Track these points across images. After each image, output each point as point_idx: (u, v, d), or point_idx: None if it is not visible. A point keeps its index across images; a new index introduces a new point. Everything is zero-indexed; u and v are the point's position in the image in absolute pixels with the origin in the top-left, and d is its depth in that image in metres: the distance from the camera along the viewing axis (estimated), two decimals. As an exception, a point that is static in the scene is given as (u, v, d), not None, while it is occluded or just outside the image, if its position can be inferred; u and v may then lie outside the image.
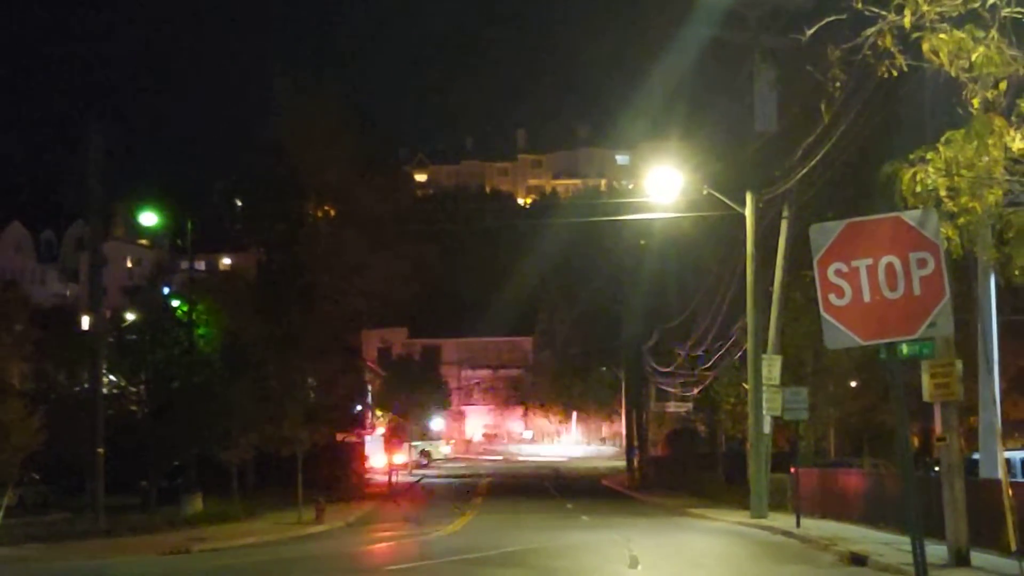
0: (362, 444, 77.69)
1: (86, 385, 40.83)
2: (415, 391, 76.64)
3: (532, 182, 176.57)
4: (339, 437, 61.65)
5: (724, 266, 45.53)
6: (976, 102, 10.60)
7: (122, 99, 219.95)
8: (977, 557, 22.33)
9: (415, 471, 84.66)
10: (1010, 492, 20.18)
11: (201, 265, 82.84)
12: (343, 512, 44.69)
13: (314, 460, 47.08)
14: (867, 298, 10.42)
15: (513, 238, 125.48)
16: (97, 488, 36.95)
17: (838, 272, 10.54)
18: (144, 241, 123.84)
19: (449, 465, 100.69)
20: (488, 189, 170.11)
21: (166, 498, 42.08)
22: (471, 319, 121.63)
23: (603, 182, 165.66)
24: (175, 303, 52.59)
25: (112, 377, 43.79)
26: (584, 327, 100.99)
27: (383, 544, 32.17)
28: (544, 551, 28.25)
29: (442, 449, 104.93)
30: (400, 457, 77.77)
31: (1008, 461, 23.52)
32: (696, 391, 63.25)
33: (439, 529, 37.12)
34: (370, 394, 76.05)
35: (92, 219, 41.76)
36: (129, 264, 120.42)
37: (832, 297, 10.52)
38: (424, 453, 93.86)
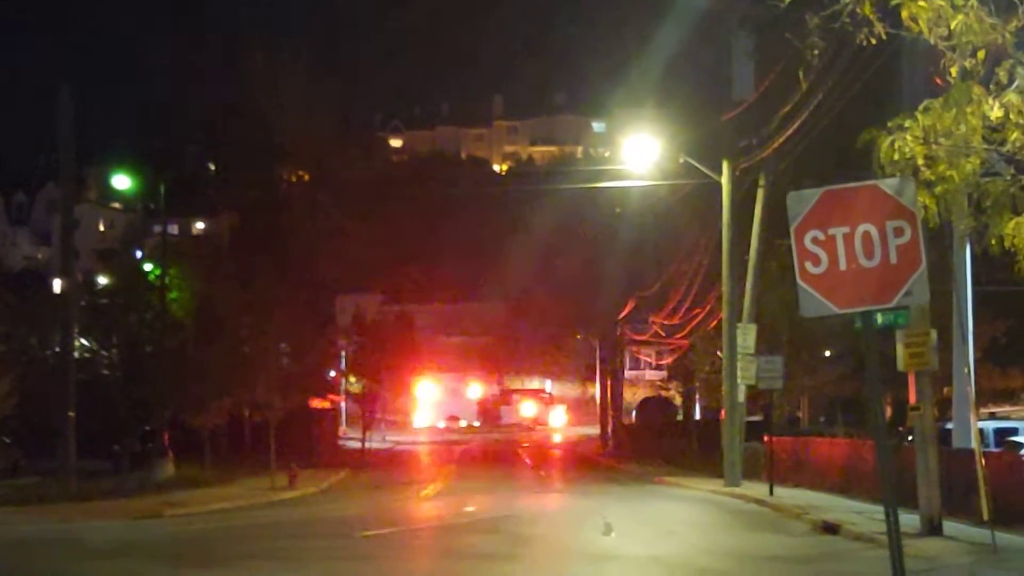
0: (336, 410, 77.64)
1: (58, 349, 40.58)
2: (389, 357, 76.30)
3: (508, 148, 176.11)
4: (313, 403, 61.55)
5: (700, 234, 45.53)
6: (954, 70, 10.52)
7: (95, 61, 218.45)
8: (949, 526, 22.40)
9: (388, 438, 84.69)
10: (983, 462, 20.23)
11: (174, 229, 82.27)
12: (316, 478, 44.64)
13: (287, 426, 46.97)
14: (843, 266, 10.36)
15: (489, 205, 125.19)
16: (68, 452, 36.75)
17: (815, 240, 10.49)
18: (117, 204, 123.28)
19: (423, 432, 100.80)
20: (464, 155, 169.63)
21: (138, 463, 41.92)
22: (446, 286, 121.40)
23: (579, 149, 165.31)
24: (148, 267, 52.38)
25: (84, 341, 43.53)
26: (560, 295, 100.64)
27: (355, 510, 32.13)
28: (517, 518, 28.27)
29: (418, 416, 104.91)
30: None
31: (981, 431, 23.57)
32: (671, 359, 63.39)
33: (412, 495, 37.13)
34: (344, 360, 75.82)
35: (64, 181, 41.44)
36: (101, 227, 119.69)
37: (808, 265, 10.46)
38: (392, 424, 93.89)
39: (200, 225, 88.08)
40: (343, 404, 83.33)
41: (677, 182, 44.97)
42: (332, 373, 72.68)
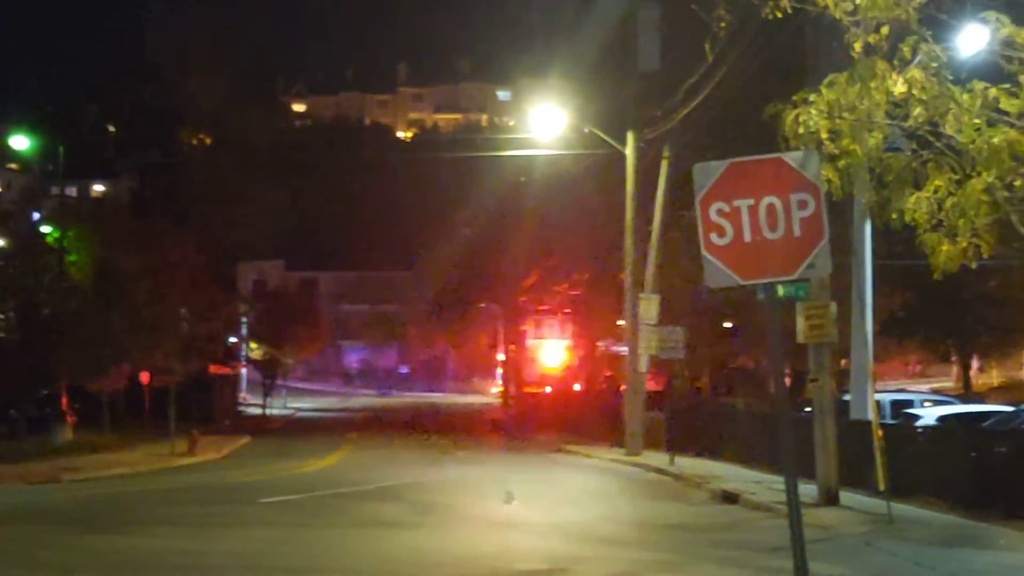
0: (237, 377, 77.12)
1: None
2: (291, 325, 75.96)
3: (412, 116, 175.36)
4: (214, 369, 61.11)
5: (605, 205, 45.68)
6: (858, 45, 10.61)
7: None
8: (846, 496, 22.77)
9: (291, 405, 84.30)
10: (879, 433, 20.54)
11: (73, 191, 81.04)
12: (217, 445, 44.33)
13: (188, 392, 46.60)
14: (748, 238, 10.43)
15: (392, 171, 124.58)
16: (-37, 417, 36.18)
17: (720, 212, 10.54)
18: (14, 165, 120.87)
19: (325, 400, 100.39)
20: (368, 121, 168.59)
21: (36, 427, 41.29)
22: (349, 253, 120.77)
23: (484, 117, 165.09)
24: (45, 229, 51.52)
25: (-21, 303, 42.79)
26: (464, 263, 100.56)
27: (256, 477, 31.95)
28: (420, 486, 28.29)
29: (321, 382, 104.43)
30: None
31: (878, 403, 23.91)
32: (573, 328, 63.64)
33: (314, 463, 36.98)
34: (245, 327, 75.34)
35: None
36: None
37: (713, 236, 10.52)
38: (295, 391, 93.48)
39: (99, 187, 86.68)
40: (244, 370, 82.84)
41: (582, 152, 45.08)
42: (233, 339, 72.18)
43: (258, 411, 70.71)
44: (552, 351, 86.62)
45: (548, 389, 75.86)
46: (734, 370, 53.06)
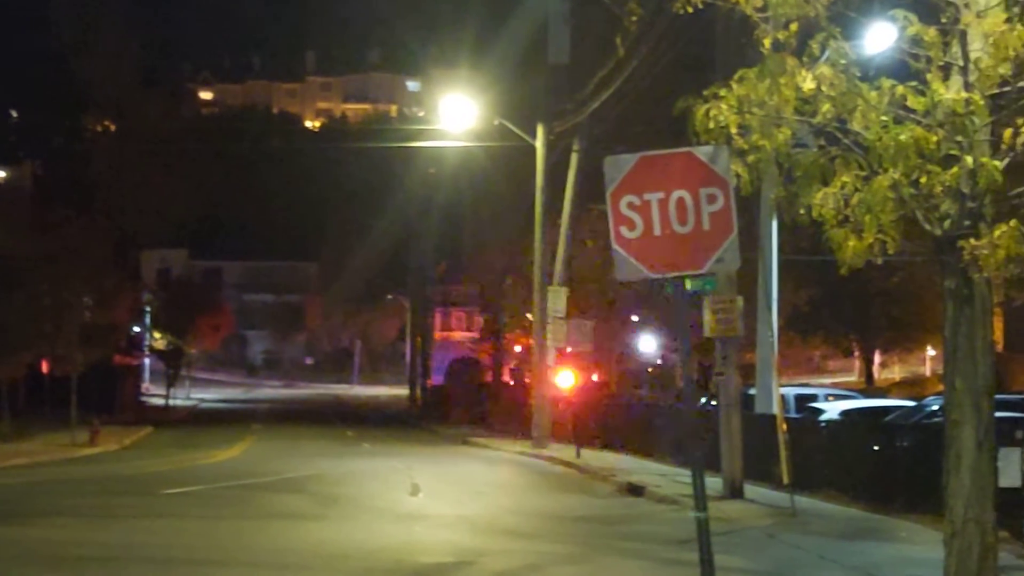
0: (139, 367, 76.19)
1: None
2: (195, 314, 75.17)
3: (321, 105, 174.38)
4: (116, 359, 60.34)
5: (515, 197, 45.70)
6: (767, 42, 10.63)
7: None
8: (751, 490, 22.96)
9: (194, 395, 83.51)
10: (784, 427, 20.73)
11: (-26, 176, 79.55)
12: (119, 435, 43.72)
13: (89, 381, 45.89)
14: (658, 232, 10.43)
15: (300, 161, 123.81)
16: None
17: (630, 205, 10.53)
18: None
19: (229, 390, 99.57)
20: (276, 110, 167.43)
21: (-69, 417, 40.57)
22: (255, 242, 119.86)
23: (394, 108, 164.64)
24: (-55, 214, 50.46)
25: None
26: (372, 254, 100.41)
27: (159, 468, 31.57)
28: (324, 478, 28.10)
29: (228, 373, 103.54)
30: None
31: (783, 397, 24.15)
32: (482, 321, 63.59)
33: (218, 454, 36.63)
34: (149, 316, 74.45)
35: None
36: None
37: (624, 230, 10.50)
38: (199, 381, 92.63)
39: (1, 173, 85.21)
40: (147, 360, 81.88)
41: (492, 144, 45.07)
42: (137, 328, 71.30)
43: (161, 402, 69.90)
44: (461, 344, 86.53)
45: (455, 382, 75.80)
46: (642, 363, 53.34)
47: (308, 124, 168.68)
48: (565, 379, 34.95)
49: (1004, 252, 9.25)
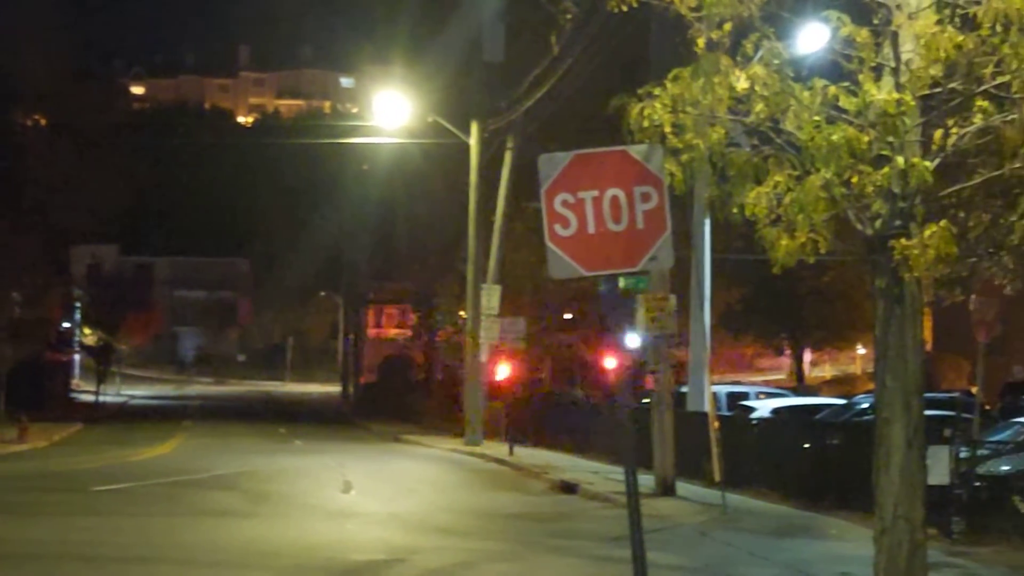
0: (69, 363, 75.40)
1: None
2: (126, 310, 74.52)
3: (254, 101, 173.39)
4: (46, 355, 59.71)
5: (449, 195, 45.64)
6: (701, 41, 10.67)
7: None
8: (683, 487, 23.07)
9: (125, 392, 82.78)
10: (716, 425, 20.84)
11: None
12: (48, 432, 43.18)
13: (17, 377, 45.40)
14: (592, 230, 10.44)
15: (232, 157, 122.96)
16: None
17: (564, 203, 10.53)
18: None
19: (160, 387, 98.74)
20: (208, 106, 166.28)
21: None
22: (187, 239, 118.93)
23: (327, 104, 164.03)
24: None
25: None
26: (305, 251, 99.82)
27: (89, 465, 31.24)
28: (256, 475, 27.94)
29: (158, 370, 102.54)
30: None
31: (715, 394, 24.28)
32: (414, 318, 63.46)
33: (148, 451, 36.30)
34: (79, 312, 73.72)
35: None
36: None
37: (558, 227, 10.50)
38: (129, 378, 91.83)
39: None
40: (77, 356, 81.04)
41: (426, 141, 44.99)
42: (66, 324, 70.56)
43: (91, 398, 69.17)
44: (393, 341, 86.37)
45: (388, 379, 75.63)
46: (574, 361, 53.39)
47: (241, 120, 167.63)
48: (500, 372, 35.07)
49: (934, 252, 9.34)
